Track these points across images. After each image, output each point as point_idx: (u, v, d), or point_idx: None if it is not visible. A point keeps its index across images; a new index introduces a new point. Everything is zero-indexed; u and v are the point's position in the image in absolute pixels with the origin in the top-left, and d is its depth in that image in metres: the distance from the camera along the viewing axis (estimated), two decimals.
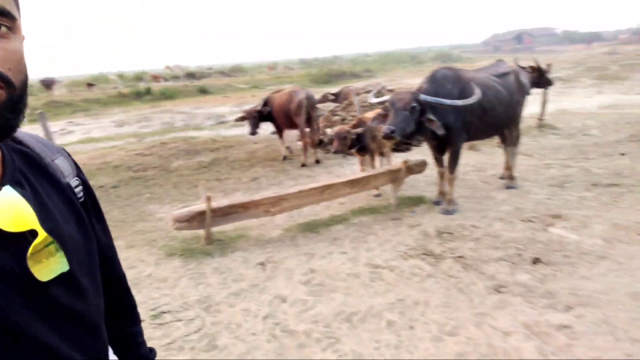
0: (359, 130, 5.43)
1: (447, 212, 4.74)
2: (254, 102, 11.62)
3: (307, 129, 7.38)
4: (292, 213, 5.07)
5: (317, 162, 7.53)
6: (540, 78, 7.65)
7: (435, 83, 4.65)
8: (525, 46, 62.61)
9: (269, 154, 8.16)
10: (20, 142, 0.79)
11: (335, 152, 5.59)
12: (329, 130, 7.19)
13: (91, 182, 0.92)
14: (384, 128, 4.25)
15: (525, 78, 5.58)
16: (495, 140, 6.48)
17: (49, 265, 0.67)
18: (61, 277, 0.69)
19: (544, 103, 8.93)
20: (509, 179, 5.51)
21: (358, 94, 8.95)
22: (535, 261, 3.57)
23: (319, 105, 12.86)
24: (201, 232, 4.29)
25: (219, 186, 6.41)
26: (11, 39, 0.63)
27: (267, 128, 8.46)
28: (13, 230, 0.63)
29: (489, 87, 4.87)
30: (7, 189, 0.65)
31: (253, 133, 7.74)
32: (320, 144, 8.25)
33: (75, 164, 0.89)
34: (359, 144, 5.49)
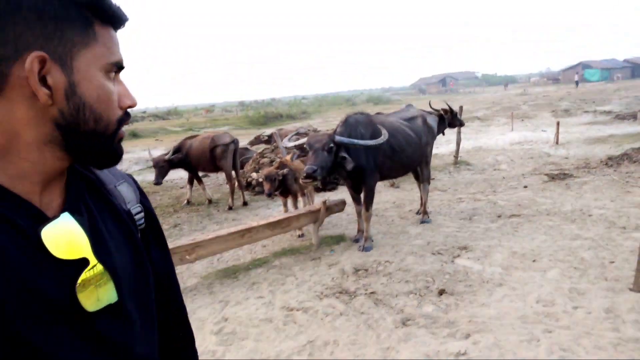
0: (285, 171, 5.51)
1: (365, 249, 4.89)
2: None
3: (232, 172, 7.39)
4: (212, 259, 4.99)
5: (245, 204, 7.50)
6: (453, 119, 8.31)
7: (349, 127, 4.90)
8: (449, 88, 67.69)
9: (195, 198, 8.02)
10: (86, 168, 0.80)
11: (268, 195, 5.57)
12: (254, 174, 7.25)
13: None
14: (306, 168, 4.37)
15: (432, 120, 6.04)
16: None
17: (97, 295, 0.66)
18: (109, 308, 0.68)
19: (458, 142, 9.63)
20: (423, 214, 5.82)
21: (286, 137, 9.16)
22: (441, 292, 3.75)
23: (253, 147, 12.99)
24: None
25: None
26: None
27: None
28: (65, 257, 0.63)
29: (398, 130, 5.22)
30: (65, 215, 0.66)
31: (158, 183, 7.46)
32: (248, 186, 8.27)
33: (140, 190, 0.90)
34: (282, 185, 5.57)
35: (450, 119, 8.20)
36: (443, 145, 12.13)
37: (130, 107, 0.71)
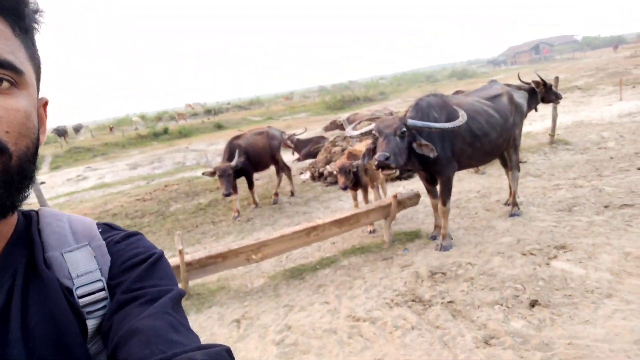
0: (359, 162, 5.14)
1: (443, 248, 4.40)
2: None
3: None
4: (281, 257, 4.85)
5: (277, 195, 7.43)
6: (547, 93, 7.31)
7: (421, 111, 4.40)
8: (542, 56, 61.40)
9: (269, 190, 8.00)
10: (39, 227, 0.62)
11: (344, 189, 5.25)
12: (327, 167, 7.00)
13: None
14: (377, 155, 3.91)
15: (520, 97, 5.26)
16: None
17: None
18: None
19: (554, 118, 8.49)
20: (512, 205, 5.13)
21: (359, 123, 8.77)
22: (534, 304, 3.19)
23: (328, 133, 12.87)
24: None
25: (212, 230, 6.25)
26: (14, 95, 0.53)
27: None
28: None
29: (479, 111, 4.60)
30: None
31: (228, 194, 6.14)
32: (320, 177, 8.07)
33: (120, 254, 0.63)
34: (355, 177, 5.23)
35: (543, 93, 7.23)
36: (536, 122, 10.90)
37: None
